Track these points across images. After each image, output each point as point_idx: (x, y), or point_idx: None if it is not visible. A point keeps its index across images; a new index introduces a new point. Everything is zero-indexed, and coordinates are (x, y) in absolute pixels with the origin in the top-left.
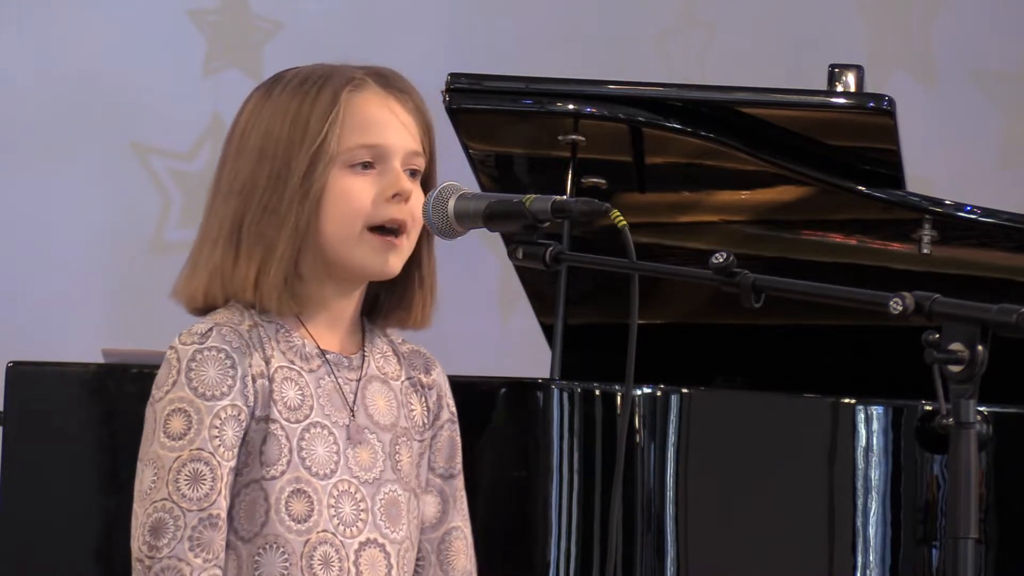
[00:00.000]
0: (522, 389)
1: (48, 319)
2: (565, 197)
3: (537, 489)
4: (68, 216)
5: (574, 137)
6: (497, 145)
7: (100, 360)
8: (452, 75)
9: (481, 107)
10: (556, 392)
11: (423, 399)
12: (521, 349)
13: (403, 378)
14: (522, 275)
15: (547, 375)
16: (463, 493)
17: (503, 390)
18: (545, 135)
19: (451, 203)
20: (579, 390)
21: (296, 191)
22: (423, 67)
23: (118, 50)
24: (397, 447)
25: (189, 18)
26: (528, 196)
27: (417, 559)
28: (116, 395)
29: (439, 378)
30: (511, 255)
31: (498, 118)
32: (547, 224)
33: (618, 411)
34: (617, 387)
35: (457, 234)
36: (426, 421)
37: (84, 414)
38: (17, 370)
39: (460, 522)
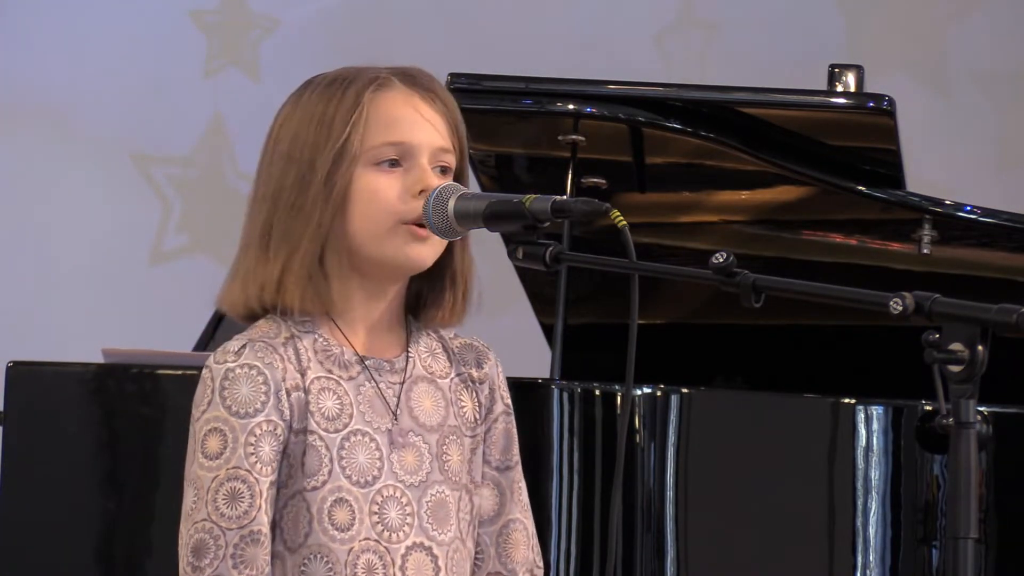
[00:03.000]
0: (522, 389)
1: (48, 319)
2: (565, 197)
3: (537, 489)
4: (69, 216)
5: (574, 137)
6: (497, 145)
7: (100, 360)
8: (452, 75)
9: (481, 107)
10: (556, 392)
11: (474, 394)
12: (509, 350)
13: (452, 375)
14: (522, 275)
15: (545, 375)
16: (521, 485)
17: None
18: (545, 135)
19: (451, 203)
20: (579, 390)
21: (320, 190)
22: (422, 66)
23: (119, 52)
24: (445, 447)
25: (190, 19)
26: (528, 196)
27: (476, 553)
28: (116, 395)
29: (491, 371)
30: (511, 255)
31: (498, 118)
32: (547, 224)
33: (618, 411)
34: (617, 387)
35: (457, 234)
36: (478, 416)
37: (84, 414)
38: (17, 370)
39: (519, 513)
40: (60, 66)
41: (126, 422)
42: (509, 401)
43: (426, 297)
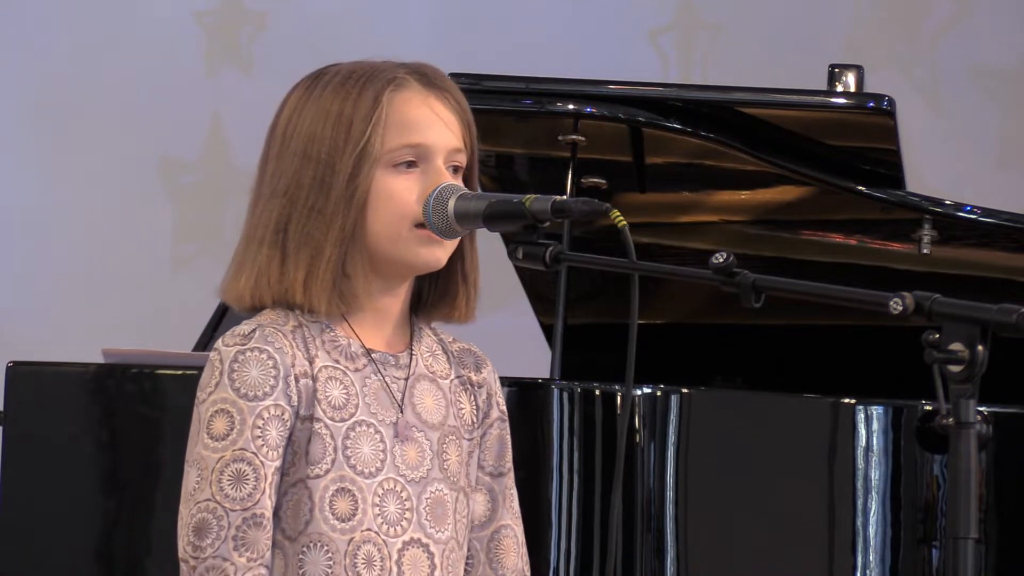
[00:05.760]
0: (522, 389)
1: (48, 319)
2: (565, 197)
3: (537, 489)
4: (70, 217)
5: (574, 137)
6: (497, 145)
7: (100, 360)
8: (452, 75)
9: (481, 107)
10: (556, 392)
11: (472, 397)
12: (509, 350)
13: (452, 376)
14: (522, 275)
15: (545, 375)
16: (513, 492)
17: (503, 390)
18: (545, 135)
19: (451, 203)
20: (579, 390)
21: (342, 193)
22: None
23: (123, 53)
24: (445, 446)
25: (193, 20)
26: (528, 196)
27: (467, 558)
28: (116, 395)
29: (489, 376)
30: (511, 255)
31: (498, 118)
32: (547, 224)
33: (618, 411)
34: (617, 387)
35: (457, 234)
36: (475, 420)
37: (84, 414)
38: (17, 370)
39: (510, 520)
40: (61, 66)
41: (126, 422)
42: (504, 408)
43: (430, 295)
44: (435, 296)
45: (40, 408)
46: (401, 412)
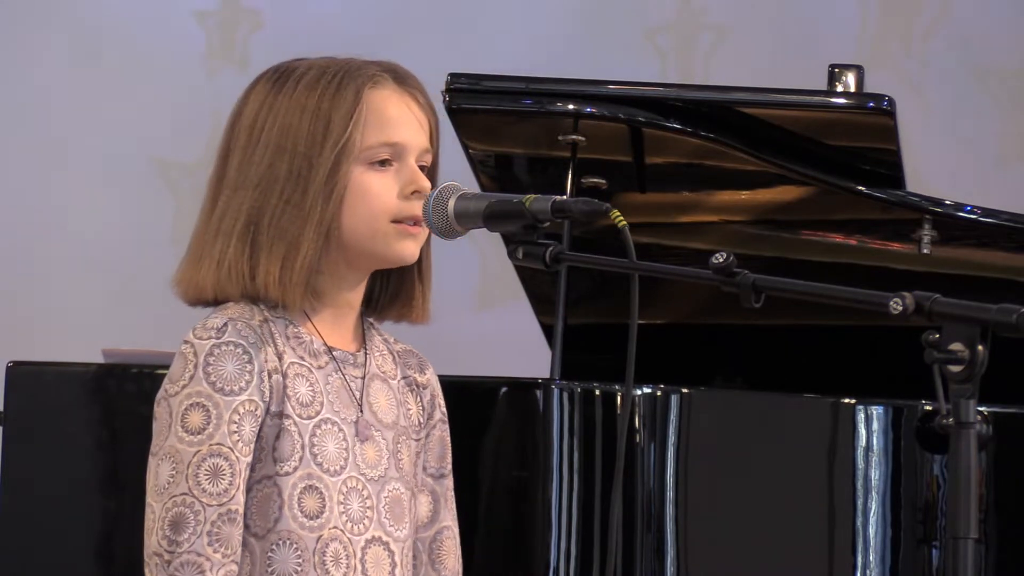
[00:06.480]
0: (522, 389)
1: (48, 319)
2: (565, 197)
3: (537, 489)
4: (69, 216)
5: (574, 137)
6: (497, 145)
7: (100, 360)
8: (452, 75)
9: (481, 107)
10: (556, 392)
11: (418, 398)
12: (509, 350)
13: (399, 377)
14: (522, 275)
15: (545, 375)
16: (452, 493)
17: (503, 390)
18: (545, 135)
19: (451, 203)
20: (579, 390)
21: (320, 188)
22: (423, 66)
23: (123, 53)
24: (399, 445)
25: (193, 19)
26: (528, 196)
27: None
28: (116, 395)
29: (432, 378)
30: (511, 255)
31: (498, 118)
32: (547, 224)
33: (618, 411)
34: (617, 387)
35: (457, 234)
36: (421, 420)
37: (84, 414)
38: (17, 370)
39: (450, 522)
40: (61, 66)
41: (126, 422)
42: (445, 410)
43: (381, 294)
44: (388, 295)
45: (40, 408)
46: (361, 411)
